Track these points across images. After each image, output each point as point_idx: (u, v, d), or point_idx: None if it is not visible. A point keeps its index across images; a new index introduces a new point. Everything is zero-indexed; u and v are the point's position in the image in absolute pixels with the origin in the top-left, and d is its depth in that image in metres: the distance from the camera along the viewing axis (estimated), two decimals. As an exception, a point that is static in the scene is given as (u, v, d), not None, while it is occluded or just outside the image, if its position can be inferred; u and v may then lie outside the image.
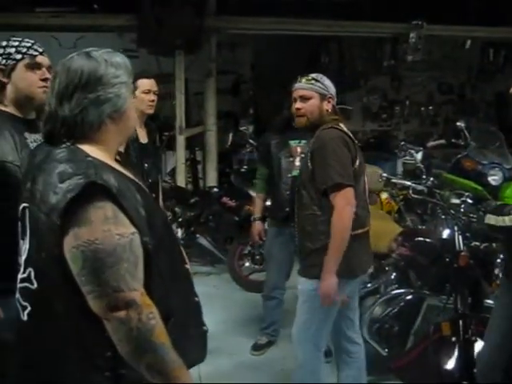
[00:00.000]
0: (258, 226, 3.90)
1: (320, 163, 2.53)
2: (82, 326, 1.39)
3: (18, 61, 2.11)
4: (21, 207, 1.52)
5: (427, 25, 6.53)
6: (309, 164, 2.59)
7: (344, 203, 2.48)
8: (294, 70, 3.05)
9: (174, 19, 5.35)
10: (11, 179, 1.97)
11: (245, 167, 5.35)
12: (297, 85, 2.73)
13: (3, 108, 2.12)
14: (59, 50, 10.56)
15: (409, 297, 3.04)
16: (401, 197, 5.19)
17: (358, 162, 2.58)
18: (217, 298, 4.82)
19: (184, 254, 1.71)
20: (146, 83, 3.28)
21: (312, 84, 2.67)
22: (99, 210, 1.32)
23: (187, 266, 1.66)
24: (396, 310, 3.07)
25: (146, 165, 3.23)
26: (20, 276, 1.51)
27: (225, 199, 5.22)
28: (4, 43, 2.13)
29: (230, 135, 7.12)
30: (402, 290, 3.06)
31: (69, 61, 1.48)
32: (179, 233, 5.59)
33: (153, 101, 3.30)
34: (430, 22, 6.55)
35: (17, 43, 2.13)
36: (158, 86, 3.36)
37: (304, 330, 2.65)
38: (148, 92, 3.27)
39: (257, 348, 3.97)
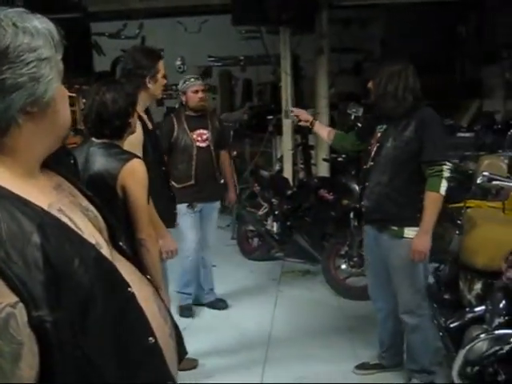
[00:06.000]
0: None
1: None
2: None
3: None
4: None
5: None
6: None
7: None
8: (428, 45, 2.70)
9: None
10: None
11: (343, 156, 4.68)
12: None
13: None
14: (185, 34, 10.65)
15: (522, 336, 2.25)
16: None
17: None
18: (308, 303, 4.36)
19: (152, 320, 1.07)
20: (163, 64, 2.78)
21: None
22: None
23: (152, 340, 1.05)
24: (504, 351, 2.31)
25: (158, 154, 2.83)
26: None
27: (322, 192, 4.62)
28: None
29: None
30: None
31: None
32: (274, 227, 5.10)
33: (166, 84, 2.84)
34: None
35: None
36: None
37: None
38: (164, 75, 2.79)
39: (361, 367, 3.27)
